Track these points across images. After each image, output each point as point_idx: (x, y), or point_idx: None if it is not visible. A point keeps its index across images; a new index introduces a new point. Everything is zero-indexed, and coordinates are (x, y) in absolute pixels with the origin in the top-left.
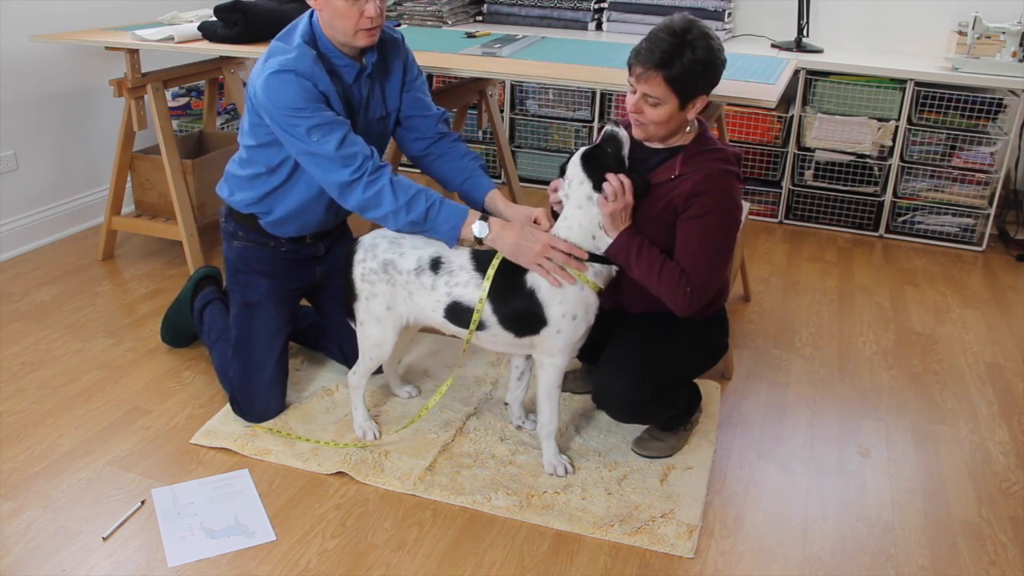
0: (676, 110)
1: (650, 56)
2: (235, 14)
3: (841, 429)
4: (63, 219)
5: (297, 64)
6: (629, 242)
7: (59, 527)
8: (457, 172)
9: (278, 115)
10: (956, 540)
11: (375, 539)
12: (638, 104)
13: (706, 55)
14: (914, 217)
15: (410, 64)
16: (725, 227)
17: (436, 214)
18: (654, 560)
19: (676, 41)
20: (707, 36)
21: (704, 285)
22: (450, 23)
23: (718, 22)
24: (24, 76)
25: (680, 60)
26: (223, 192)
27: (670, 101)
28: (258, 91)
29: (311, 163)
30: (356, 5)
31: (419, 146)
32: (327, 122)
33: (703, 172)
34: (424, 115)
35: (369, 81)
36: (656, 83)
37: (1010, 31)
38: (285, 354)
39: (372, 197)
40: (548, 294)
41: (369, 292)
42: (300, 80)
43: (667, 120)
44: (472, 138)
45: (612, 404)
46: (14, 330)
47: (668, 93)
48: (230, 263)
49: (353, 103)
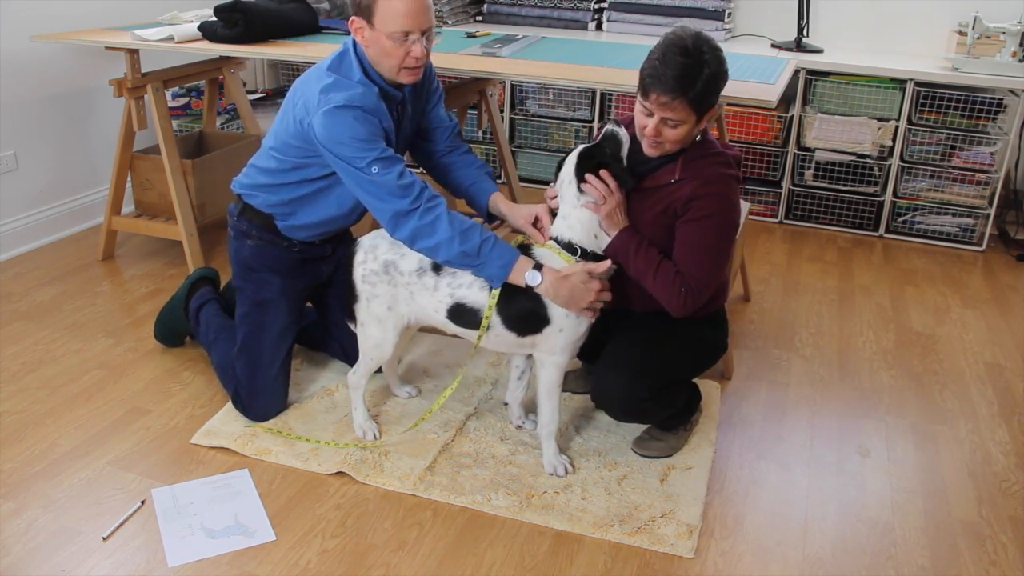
0: (694, 126)
1: (675, 83)
2: (235, 14)
3: (841, 429)
4: (63, 219)
5: (364, 101)
6: (628, 241)
7: (59, 527)
8: (465, 178)
9: (341, 148)
10: (956, 540)
11: (375, 539)
12: (657, 128)
13: (718, 68)
14: (914, 217)
15: (431, 78)
16: (723, 231)
17: (490, 250)
18: (654, 560)
19: (692, 62)
20: (715, 48)
21: (700, 287)
22: (450, 23)
23: (718, 22)
24: (24, 76)
25: (700, 80)
26: (241, 189)
27: (690, 120)
28: (318, 124)
29: (367, 192)
30: (403, 46)
31: (435, 156)
32: (388, 156)
33: (703, 176)
34: (442, 127)
35: (401, 107)
36: (680, 107)
37: (1010, 31)
38: (290, 354)
39: (427, 225)
40: None
41: (370, 293)
42: (367, 117)
43: (687, 137)
44: (472, 138)
45: (610, 402)
46: (14, 330)
47: (690, 114)
48: (242, 261)
49: (388, 129)
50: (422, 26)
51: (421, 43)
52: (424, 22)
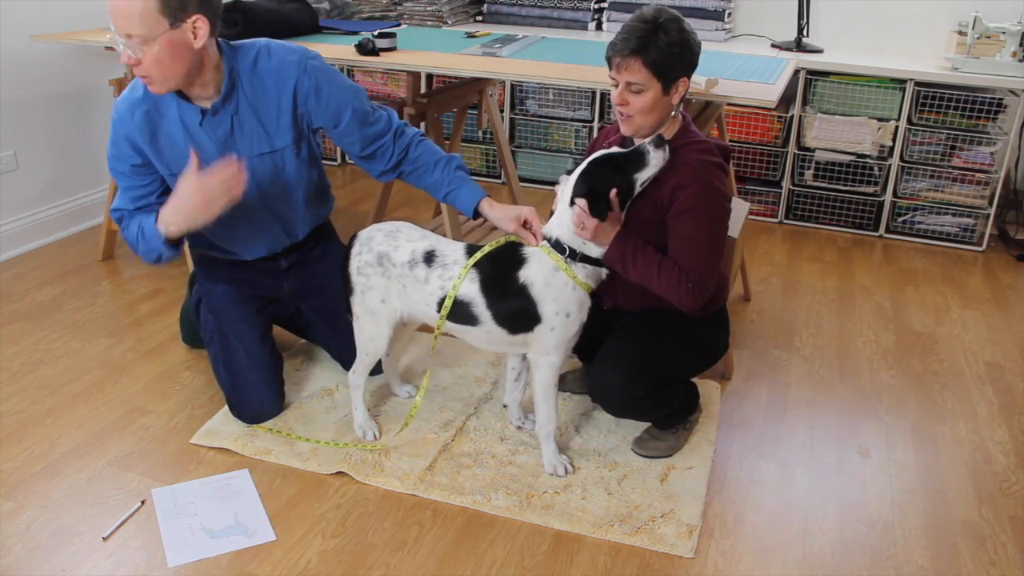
0: (660, 95)
1: (626, 44)
2: (235, 14)
3: (841, 429)
4: (63, 219)
5: (116, 110)
6: (623, 247)
7: (59, 527)
8: (437, 185)
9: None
10: (956, 540)
11: (375, 539)
12: (623, 96)
13: (680, 36)
14: (914, 217)
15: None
16: (712, 218)
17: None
18: (654, 560)
19: (649, 27)
20: (678, 19)
21: (703, 278)
22: (450, 23)
23: (718, 22)
24: (24, 76)
25: (656, 43)
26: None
27: (653, 86)
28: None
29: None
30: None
31: (388, 174)
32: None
33: (685, 165)
34: (379, 146)
35: (229, 120)
36: (636, 68)
37: (1010, 31)
38: (269, 354)
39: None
40: (541, 291)
41: (364, 285)
42: (114, 126)
43: (653, 107)
44: (472, 138)
45: (607, 398)
46: (14, 330)
47: (650, 77)
48: (197, 269)
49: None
50: (119, 30)
51: (125, 49)
52: (118, 27)
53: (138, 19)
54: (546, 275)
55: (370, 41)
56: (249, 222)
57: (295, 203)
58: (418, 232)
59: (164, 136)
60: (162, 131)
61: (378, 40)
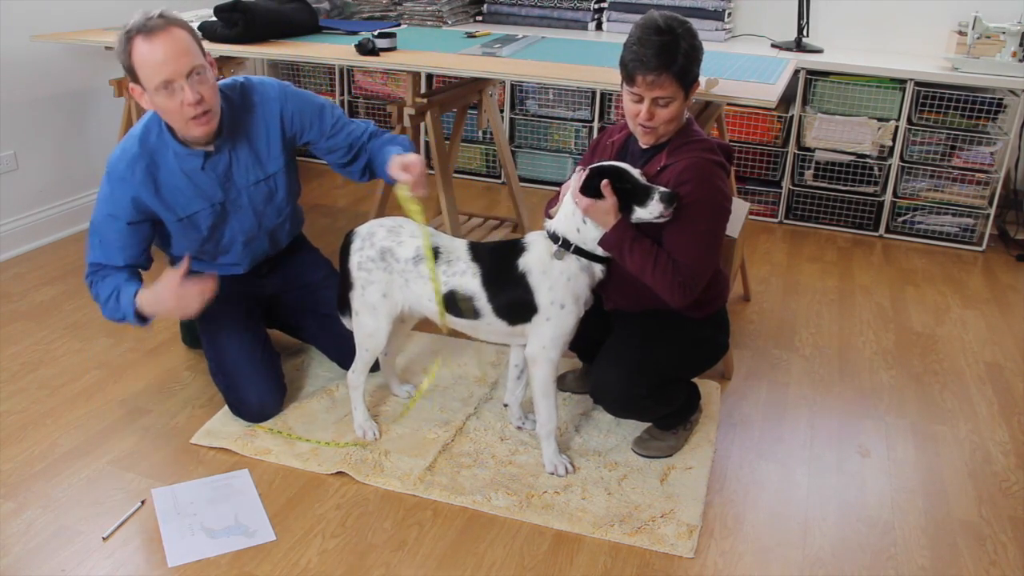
0: (683, 102)
1: (656, 60)
2: (235, 14)
3: (841, 429)
4: (63, 219)
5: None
6: (622, 235)
7: (59, 527)
8: (376, 160)
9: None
10: (956, 540)
11: (375, 539)
12: (650, 111)
13: (692, 41)
14: (914, 217)
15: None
16: (710, 215)
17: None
18: (654, 560)
19: (668, 38)
20: (687, 23)
21: (695, 275)
22: (450, 23)
23: (718, 22)
24: (24, 76)
25: (679, 53)
26: None
27: (679, 96)
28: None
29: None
30: (174, 97)
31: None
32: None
33: (686, 161)
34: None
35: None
36: (667, 83)
37: (1010, 31)
38: (262, 350)
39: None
40: (538, 279)
41: (365, 280)
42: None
43: (678, 115)
44: (472, 138)
45: (608, 397)
46: (14, 330)
47: (677, 89)
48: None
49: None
50: (181, 70)
51: (189, 87)
52: (181, 66)
53: (195, 49)
54: (544, 263)
55: (370, 41)
56: (244, 244)
57: (284, 218)
58: (420, 228)
59: (165, 186)
60: (163, 181)
61: (378, 40)
